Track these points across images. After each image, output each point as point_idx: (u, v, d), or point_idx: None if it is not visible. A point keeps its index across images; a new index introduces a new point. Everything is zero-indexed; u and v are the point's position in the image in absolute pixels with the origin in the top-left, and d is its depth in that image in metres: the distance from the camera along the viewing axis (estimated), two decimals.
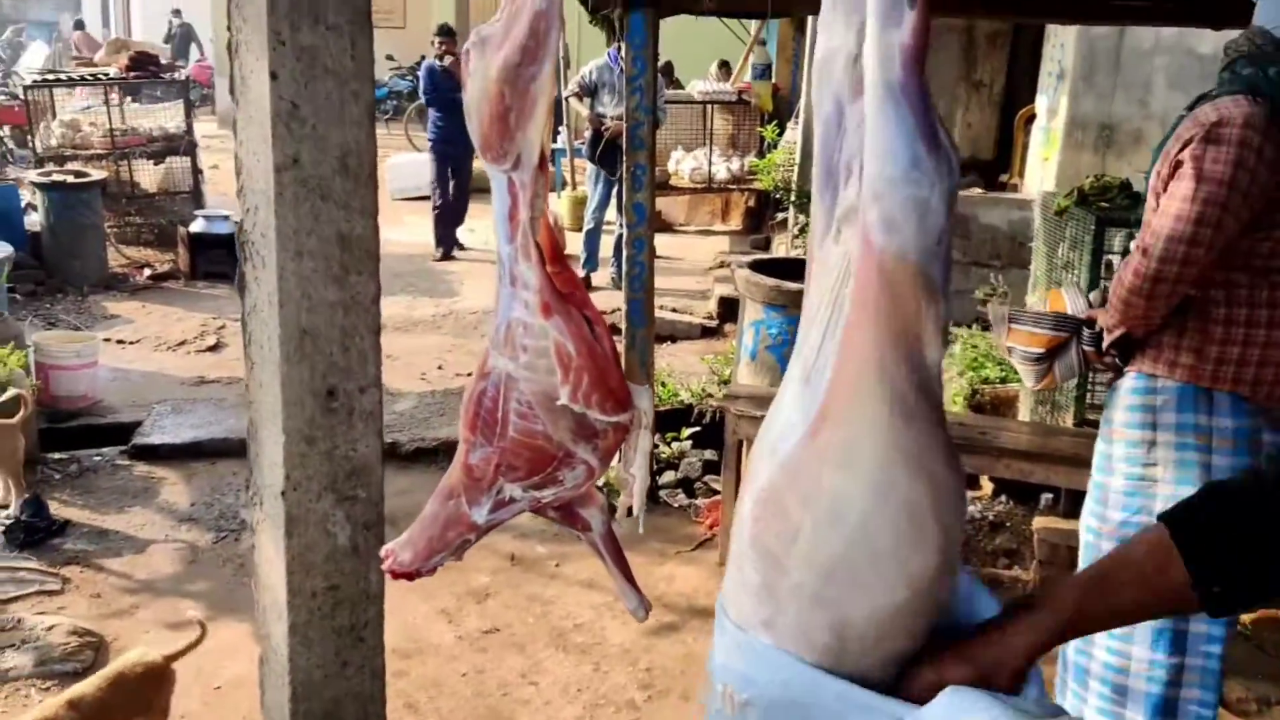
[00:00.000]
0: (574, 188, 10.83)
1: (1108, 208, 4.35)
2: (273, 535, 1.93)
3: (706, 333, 7.66)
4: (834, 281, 1.23)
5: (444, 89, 9.10)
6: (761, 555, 1.22)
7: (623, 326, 4.72)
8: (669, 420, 5.51)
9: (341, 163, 1.80)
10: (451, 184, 9.58)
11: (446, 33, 9.75)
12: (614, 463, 1.72)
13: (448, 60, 9.21)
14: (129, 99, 9.80)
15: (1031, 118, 7.66)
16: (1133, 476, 2.63)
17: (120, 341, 7.06)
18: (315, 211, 1.80)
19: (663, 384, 5.92)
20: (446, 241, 9.70)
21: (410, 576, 1.64)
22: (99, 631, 3.75)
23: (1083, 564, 2.72)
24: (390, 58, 18.33)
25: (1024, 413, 4.93)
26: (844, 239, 1.24)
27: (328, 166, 1.79)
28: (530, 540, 4.53)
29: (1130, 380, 2.67)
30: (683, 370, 6.43)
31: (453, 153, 9.37)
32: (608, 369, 1.53)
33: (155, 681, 2.87)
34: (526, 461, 1.64)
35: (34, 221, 8.24)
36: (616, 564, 1.77)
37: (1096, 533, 2.70)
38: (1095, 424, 4.40)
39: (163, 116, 9.76)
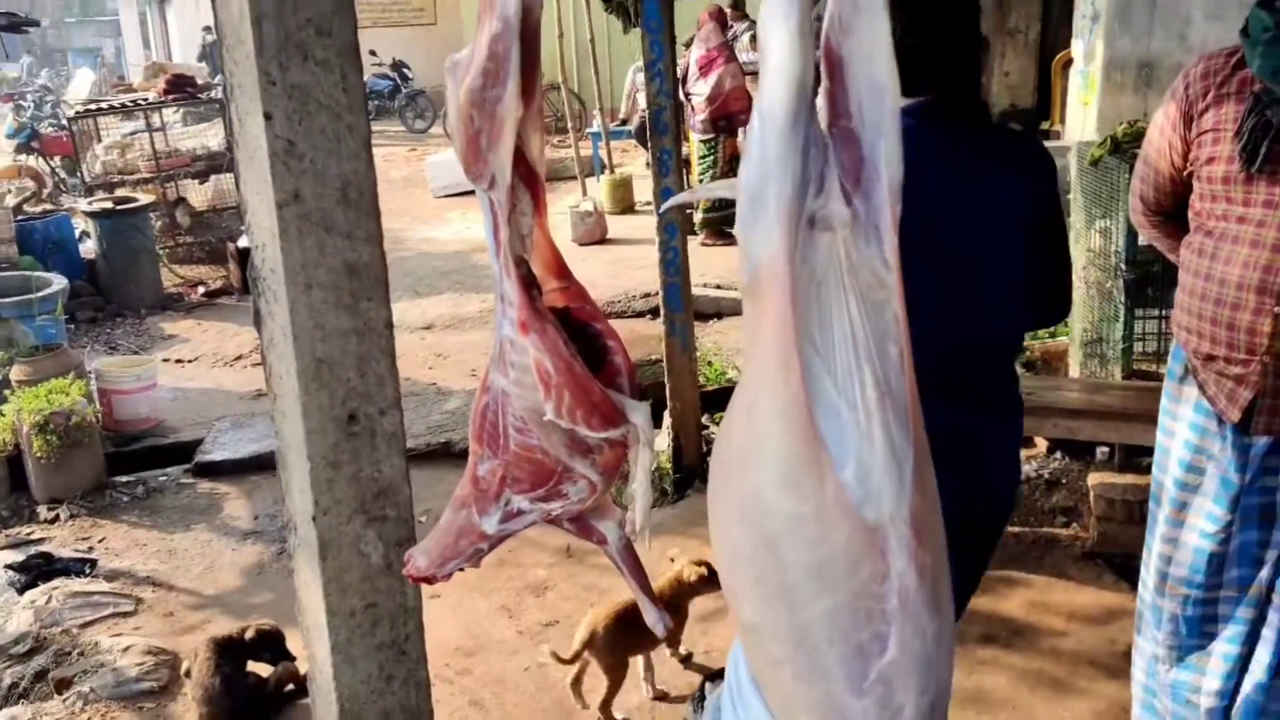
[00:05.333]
0: (612, 171, 10.83)
1: None
2: (308, 559, 1.98)
3: None
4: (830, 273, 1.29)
5: None
6: None
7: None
8: (716, 399, 5.52)
9: (342, 194, 1.83)
10: None
11: None
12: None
13: None
14: (174, 120, 10.00)
15: (1069, 62, 7.50)
16: (1163, 429, 2.56)
17: (179, 361, 7.23)
18: (320, 244, 1.83)
19: (709, 363, 5.93)
20: None
21: (429, 580, 1.69)
22: (172, 649, 3.87)
23: (1149, 532, 2.58)
24: (373, 53, 16.62)
25: (1074, 367, 4.86)
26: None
27: (329, 199, 1.82)
28: None
29: None
30: (731, 347, 6.41)
31: None
32: (588, 386, 1.55)
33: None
34: (529, 474, 1.68)
35: (89, 249, 8.46)
36: (635, 577, 1.80)
37: (1156, 499, 2.55)
38: (1143, 375, 4.34)
39: (205, 135, 9.94)
